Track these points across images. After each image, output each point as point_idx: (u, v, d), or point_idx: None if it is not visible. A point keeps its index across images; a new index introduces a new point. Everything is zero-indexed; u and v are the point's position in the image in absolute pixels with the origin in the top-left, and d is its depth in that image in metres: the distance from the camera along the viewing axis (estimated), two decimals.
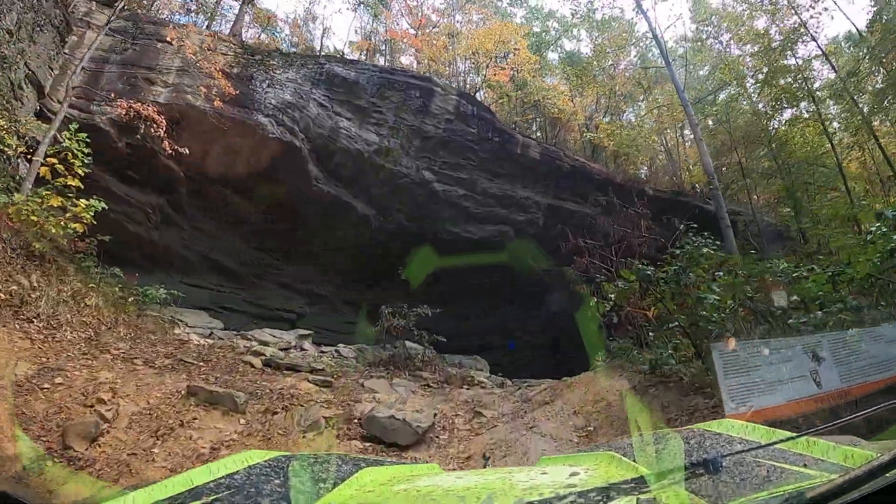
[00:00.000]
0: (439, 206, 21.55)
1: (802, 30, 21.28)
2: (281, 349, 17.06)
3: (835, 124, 24.03)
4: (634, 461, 2.00)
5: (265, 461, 2.10)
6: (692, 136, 23.94)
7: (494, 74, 25.13)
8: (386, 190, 20.18)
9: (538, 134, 27.52)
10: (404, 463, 4.08)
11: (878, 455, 1.14)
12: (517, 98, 25.57)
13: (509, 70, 25.48)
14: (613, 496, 1.48)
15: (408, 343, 16.75)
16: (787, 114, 25.07)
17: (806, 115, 23.48)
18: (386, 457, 7.84)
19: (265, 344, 16.71)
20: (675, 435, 2.29)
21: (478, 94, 25.10)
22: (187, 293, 17.64)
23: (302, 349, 17.48)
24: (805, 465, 1.67)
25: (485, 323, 26.57)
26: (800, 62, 22.85)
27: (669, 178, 32.46)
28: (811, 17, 21.03)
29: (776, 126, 24.37)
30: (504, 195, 22.81)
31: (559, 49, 35.57)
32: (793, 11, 21.73)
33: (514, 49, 25.60)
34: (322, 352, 17.47)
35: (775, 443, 1.77)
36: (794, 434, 1.76)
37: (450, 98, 20.62)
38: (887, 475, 1.07)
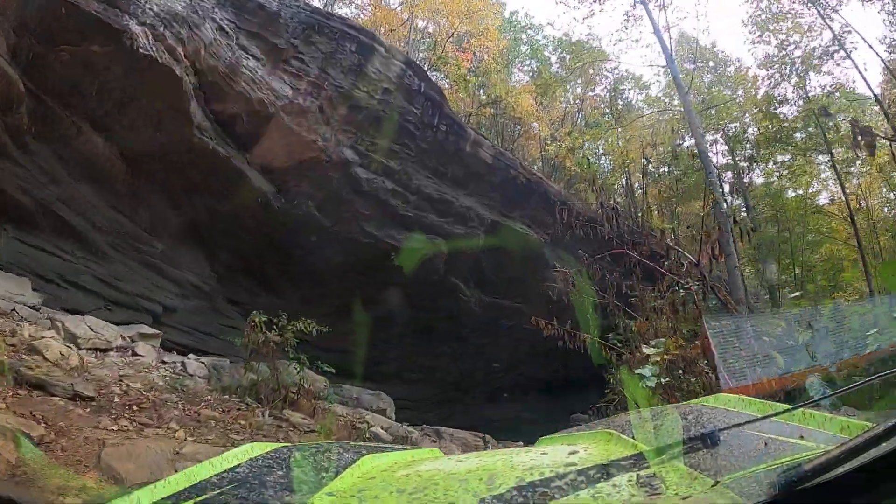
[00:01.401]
0: (360, 198, 17.22)
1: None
2: (97, 349, 12.21)
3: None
4: (633, 438, 2.06)
5: (267, 453, 2.08)
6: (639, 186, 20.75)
7: (454, 52, 21.17)
8: (290, 164, 15.69)
9: (494, 141, 23.75)
10: (404, 449, 3.92)
11: (874, 425, 1.15)
12: (475, 87, 21.70)
13: (471, 54, 21.60)
14: (613, 473, 1.58)
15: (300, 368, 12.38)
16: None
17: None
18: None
19: (73, 338, 11.88)
20: (672, 410, 2.28)
21: (429, 73, 21.10)
22: (26, 255, 14.01)
23: (134, 354, 12.63)
24: (802, 437, 1.69)
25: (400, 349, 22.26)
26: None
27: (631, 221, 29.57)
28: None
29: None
30: (442, 199, 18.71)
31: (527, 65, 32.40)
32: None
33: (483, 30, 21.76)
34: (163, 362, 12.69)
35: (772, 415, 1.79)
36: (791, 406, 1.82)
37: (393, 63, 16.46)
38: (883, 444, 1.08)
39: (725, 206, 17.30)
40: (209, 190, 15.77)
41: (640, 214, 29.64)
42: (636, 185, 33.50)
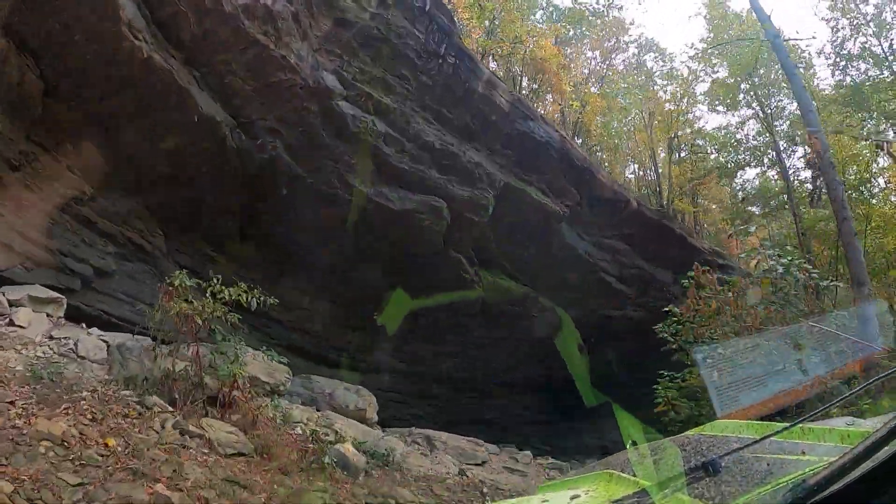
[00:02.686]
0: (344, 142, 13.75)
1: None
2: None
3: None
4: (633, 475, 2.04)
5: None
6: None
7: None
8: (253, 87, 12.19)
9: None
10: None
11: (875, 430, 1.18)
12: (490, 19, 18.12)
13: None
14: None
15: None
16: None
17: None
18: None
19: None
20: (670, 443, 2.31)
21: None
22: None
23: (12, 324, 9.16)
24: (803, 453, 1.74)
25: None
26: None
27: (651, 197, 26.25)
28: None
29: None
30: (446, 151, 15.25)
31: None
32: None
33: None
34: (51, 337, 9.25)
35: (770, 435, 1.81)
36: (788, 424, 1.82)
37: None
38: (885, 448, 1.09)
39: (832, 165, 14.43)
40: (148, 119, 12.27)
41: (668, 194, 26.34)
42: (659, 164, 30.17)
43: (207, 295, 8.25)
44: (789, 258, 11.24)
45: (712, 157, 32.48)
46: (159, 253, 15.19)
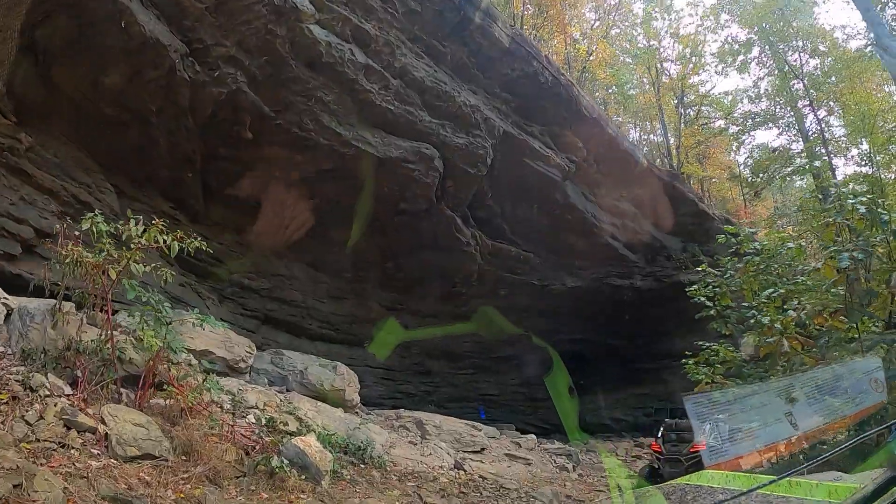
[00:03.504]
0: (317, 74, 11.82)
1: None
2: None
3: None
4: None
5: None
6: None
7: None
8: (207, 5, 10.24)
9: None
10: None
11: (862, 486, 1.20)
12: None
13: None
14: None
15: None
16: None
17: None
18: None
19: None
20: (655, 492, 3.05)
21: None
22: None
23: None
24: None
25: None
26: None
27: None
28: None
29: None
30: (437, 91, 13.34)
31: None
32: None
33: None
34: None
35: (757, 488, 1.81)
36: (776, 477, 1.91)
37: None
38: None
39: None
40: (86, 48, 10.33)
41: (677, 157, 24.48)
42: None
43: (125, 239, 6.36)
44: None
45: (720, 123, 30.85)
46: (110, 212, 13.30)
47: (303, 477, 6.21)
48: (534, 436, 16.61)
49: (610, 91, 25.93)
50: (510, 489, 9.87)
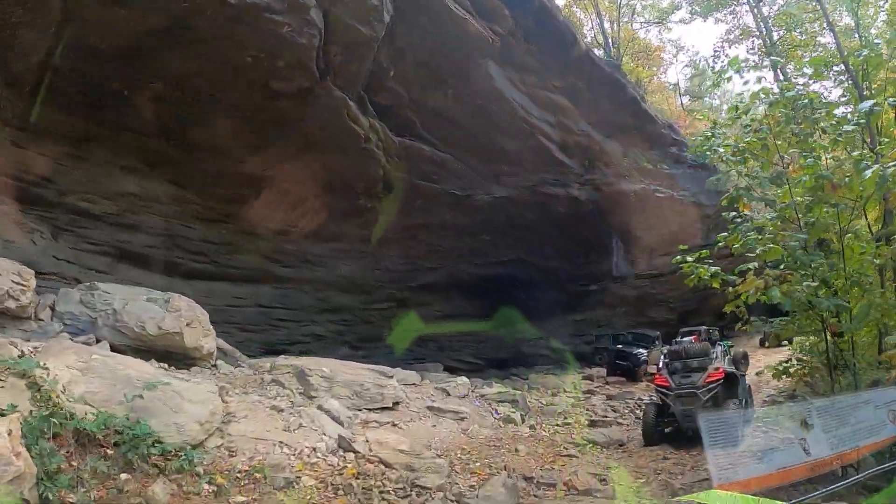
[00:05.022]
0: None
1: None
2: None
3: None
4: None
5: None
6: None
7: None
8: None
9: None
10: None
11: None
12: None
13: None
14: None
15: None
16: None
17: None
18: None
19: None
20: None
21: None
22: None
23: None
24: None
25: None
26: None
27: None
28: None
29: None
30: None
31: None
32: None
33: None
34: None
35: None
36: (785, 503, 1.96)
37: None
38: None
39: None
40: None
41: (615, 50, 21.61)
42: None
43: None
44: None
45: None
46: None
47: None
48: (466, 378, 13.78)
49: None
50: (429, 489, 6.56)
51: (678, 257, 8.47)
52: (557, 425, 12.04)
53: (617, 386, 18.24)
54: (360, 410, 8.95)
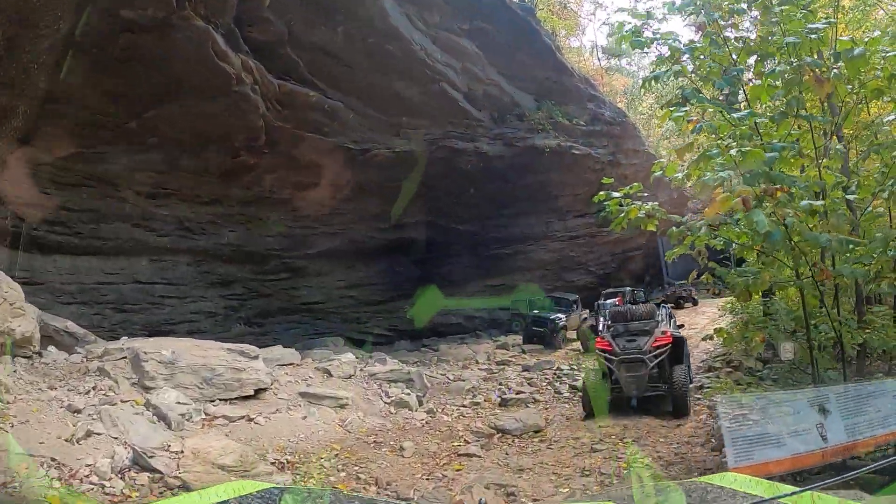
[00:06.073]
0: None
1: None
2: None
3: None
4: None
5: (257, 492, 2.07)
6: None
7: None
8: None
9: None
10: None
11: None
12: None
13: None
14: None
15: None
16: None
17: None
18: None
19: None
20: (676, 488, 2.35)
21: None
22: None
23: None
24: None
25: None
26: None
27: None
28: None
29: None
30: None
31: None
32: None
33: None
34: None
35: (779, 497, 1.79)
36: (799, 489, 1.79)
37: None
38: None
39: None
40: None
41: None
42: None
43: None
44: None
45: None
46: None
47: None
48: (352, 355, 12.34)
49: None
50: None
51: (601, 193, 6.86)
52: (463, 406, 10.82)
53: (534, 355, 17.41)
54: (210, 402, 7.51)
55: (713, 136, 6.05)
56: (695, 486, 2.27)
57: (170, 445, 6.11)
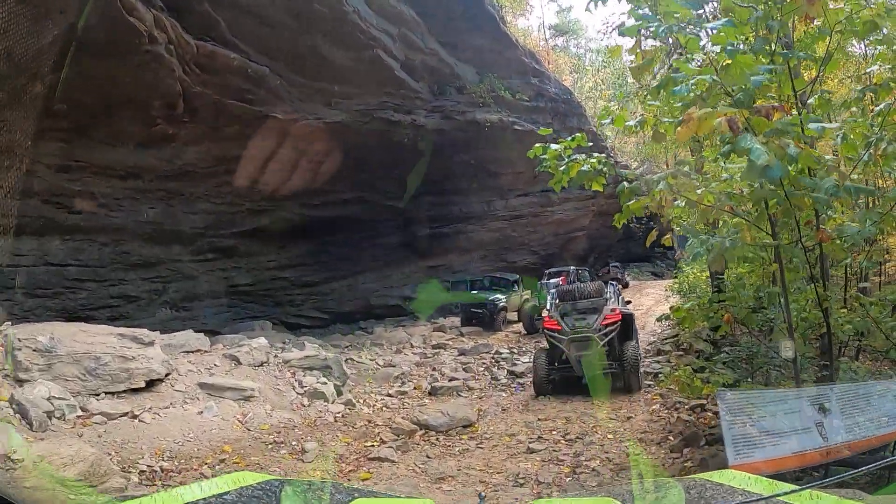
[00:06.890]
0: None
1: None
2: None
3: None
4: None
5: (257, 483, 2.07)
6: None
7: None
8: None
9: None
10: (397, 496, 4.14)
11: None
12: None
13: None
14: None
15: None
16: None
17: None
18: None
19: None
20: (675, 484, 2.38)
21: None
22: None
23: None
24: None
25: None
26: None
27: None
28: None
29: None
30: None
31: None
32: None
33: None
34: None
35: (778, 495, 1.77)
36: (797, 487, 1.82)
37: None
38: None
39: None
40: None
41: None
42: None
43: None
44: None
45: None
46: None
47: None
48: (265, 340, 11.56)
49: None
50: None
51: (537, 146, 5.88)
52: (388, 396, 10.28)
53: (472, 337, 17.11)
54: (95, 396, 6.82)
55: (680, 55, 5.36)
56: (694, 482, 2.30)
57: (16, 451, 5.10)
